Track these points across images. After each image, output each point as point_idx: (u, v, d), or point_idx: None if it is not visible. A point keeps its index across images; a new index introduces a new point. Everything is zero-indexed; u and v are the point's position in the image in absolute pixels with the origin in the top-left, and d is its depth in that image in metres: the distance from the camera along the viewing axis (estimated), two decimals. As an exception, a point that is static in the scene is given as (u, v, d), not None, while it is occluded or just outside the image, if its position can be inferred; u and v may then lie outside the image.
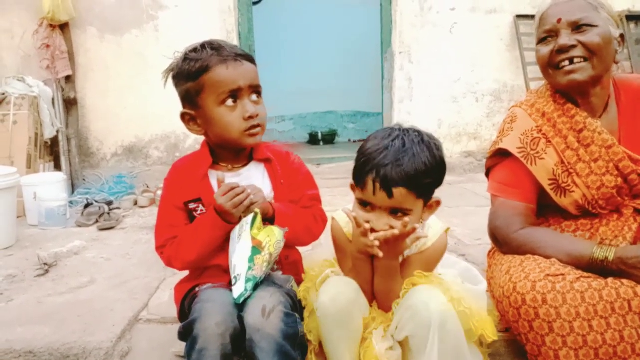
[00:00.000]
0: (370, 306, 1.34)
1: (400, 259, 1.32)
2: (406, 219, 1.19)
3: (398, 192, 1.19)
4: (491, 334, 1.29)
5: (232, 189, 1.30)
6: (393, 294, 1.30)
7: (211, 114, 1.35)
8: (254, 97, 1.37)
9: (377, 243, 1.19)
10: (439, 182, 1.28)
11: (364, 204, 1.26)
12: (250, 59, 1.39)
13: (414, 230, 1.19)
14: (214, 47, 1.36)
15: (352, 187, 1.31)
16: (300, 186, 1.48)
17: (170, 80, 1.44)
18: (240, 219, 1.33)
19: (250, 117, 1.34)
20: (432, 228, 1.34)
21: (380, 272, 1.30)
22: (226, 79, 1.32)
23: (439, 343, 1.18)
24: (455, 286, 1.30)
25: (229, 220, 1.32)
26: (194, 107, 1.39)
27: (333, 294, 1.25)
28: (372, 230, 1.21)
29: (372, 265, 1.30)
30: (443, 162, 1.28)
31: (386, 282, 1.30)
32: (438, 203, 1.30)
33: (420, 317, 1.19)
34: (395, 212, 1.22)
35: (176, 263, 1.42)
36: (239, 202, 1.30)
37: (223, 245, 1.37)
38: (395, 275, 1.30)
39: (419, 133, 1.28)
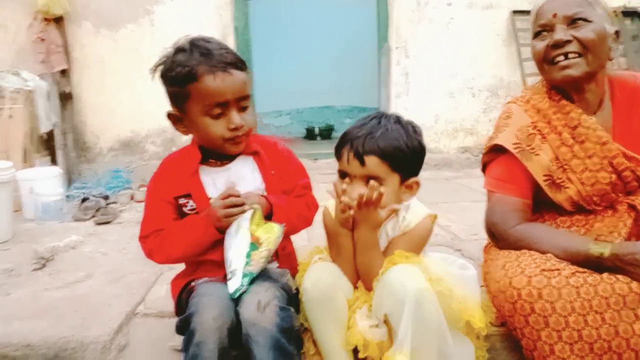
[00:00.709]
0: (355, 287, 1.37)
1: (385, 240, 1.38)
2: (375, 183, 1.26)
3: (370, 160, 1.30)
4: (479, 321, 1.30)
5: (232, 196, 1.32)
6: (373, 270, 1.33)
7: (196, 120, 1.34)
8: (243, 107, 1.36)
9: (349, 201, 1.26)
10: (416, 161, 1.37)
11: (342, 176, 1.36)
12: (240, 66, 1.34)
13: (381, 195, 1.25)
14: (203, 53, 1.31)
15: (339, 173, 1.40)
16: (291, 176, 1.49)
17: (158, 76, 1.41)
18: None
19: (235, 129, 1.34)
20: (415, 210, 1.40)
21: (359, 245, 1.34)
22: (213, 91, 1.29)
23: (413, 321, 1.18)
24: (435, 267, 1.33)
25: (219, 226, 1.33)
26: (180, 111, 1.38)
27: (314, 279, 1.29)
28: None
29: (353, 242, 1.35)
30: (420, 144, 1.37)
31: (365, 255, 1.34)
32: (417, 184, 1.38)
33: (395, 294, 1.21)
34: (370, 181, 1.29)
35: (157, 256, 1.42)
36: (231, 214, 1.31)
37: (214, 243, 1.38)
38: (373, 249, 1.34)
39: (398, 117, 1.39)
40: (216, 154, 1.44)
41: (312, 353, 1.35)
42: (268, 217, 1.37)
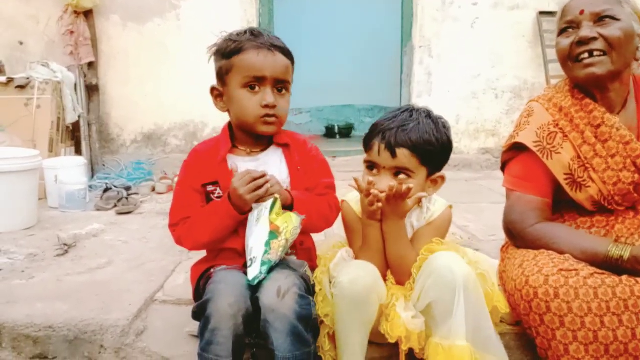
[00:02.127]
0: (385, 280, 1.37)
1: (411, 231, 1.41)
2: (403, 177, 1.31)
3: (401, 152, 1.33)
4: (504, 306, 1.35)
5: (252, 176, 1.33)
6: (406, 262, 1.34)
7: (233, 93, 1.41)
8: (280, 89, 1.41)
9: (378, 194, 1.28)
10: (443, 156, 1.40)
11: (370, 167, 1.39)
12: (286, 53, 1.42)
13: (410, 189, 1.29)
14: (255, 34, 1.41)
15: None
16: (316, 174, 1.50)
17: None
18: (251, 208, 1.35)
19: (267, 106, 1.38)
20: (437, 202, 1.44)
21: (389, 237, 1.35)
22: (254, 65, 1.37)
23: (466, 306, 1.22)
24: (470, 252, 1.38)
25: (241, 206, 1.34)
26: (222, 84, 1.45)
27: (352, 277, 1.27)
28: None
29: (382, 233, 1.36)
30: (449, 139, 1.41)
31: (396, 246, 1.35)
32: (442, 178, 1.41)
33: (444, 281, 1.23)
34: (399, 174, 1.34)
35: (186, 242, 1.45)
36: (255, 188, 1.32)
37: (237, 229, 1.40)
38: (403, 239, 1.36)
39: (429, 111, 1.41)
40: (247, 141, 1.47)
41: (327, 349, 1.34)
42: (289, 210, 1.38)
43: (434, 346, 1.26)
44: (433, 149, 1.35)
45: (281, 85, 1.41)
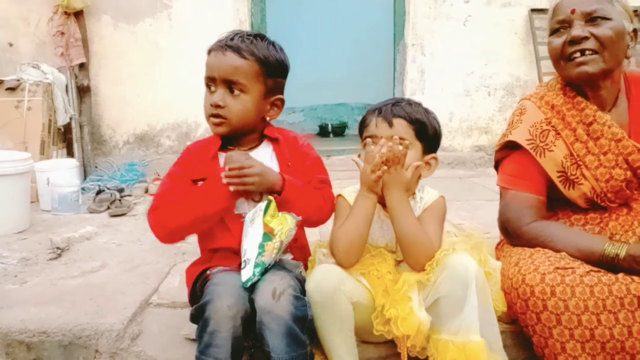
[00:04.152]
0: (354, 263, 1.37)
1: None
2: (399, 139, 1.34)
3: (398, 122, 1.40)
4: (501, 304, 1.38)
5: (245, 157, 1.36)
6: (420, 242, 1.32)
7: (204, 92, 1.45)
8: (232, 90, 1.39)
9: (384, 150, 1.31)
10: (435, 138, 1.46)
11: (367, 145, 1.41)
12: (242, 53, 1.38)
13: (407, 148, 1.33)
14: (228, 35, 1.43)
15: (359, 155, 1.46)
16: (309, 170, 1.49)
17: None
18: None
19: (212, 106, 1.40)
20: (429, 191, 1.49)
21: (395, 210, 1.35)
22: (208, 65, 1.42)
23: (479, 302, 1.23)
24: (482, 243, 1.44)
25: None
26: None
27: (316, 281, 1.29)
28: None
29: (388, 210, 1.37)
30: (438, 125, 1.48)
31: (405, 222, 1.34)
32: (436, 160, 1.47)
33: (457, 275, 1.25)
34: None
35: (164, 223, 1.41)
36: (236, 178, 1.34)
37: (230, 228, 1.40)
38: (410, 215, 1.36)
39: (419, 102, 1.48)
40: (236, 140, 1.47)
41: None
42: (279, 194, 1.37)
43: (443, 343, 1.26)
44: (426, 125, 1.42)
45: (233, 85, 1.38)
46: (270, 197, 1.33)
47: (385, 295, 1.33)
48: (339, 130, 6.54)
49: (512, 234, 1.54)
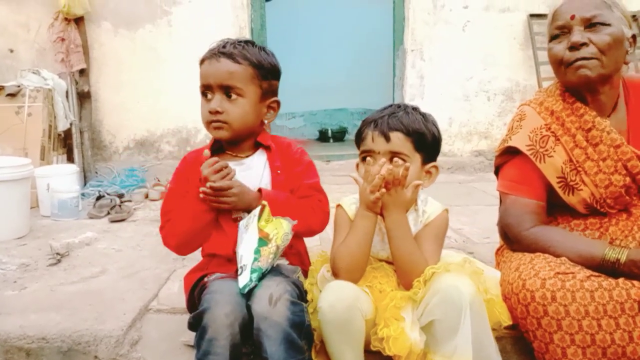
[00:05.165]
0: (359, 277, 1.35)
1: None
2: (400, 160, 1.32)
3: (395, 136, 1.36)
4: (507, 319, 1.34)
5: (220, 165, 1.36)
6: (415, 262, 1.31)
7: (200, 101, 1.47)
8: (229, 95, 1.41)
9: (383, 171, 1.28)
10: (434, 145, 1.43)
11: (365, 158, 1.40)
12: (237, 59, 1.40)
13: (407, 169, 1.30)
14: (220, 43, 1.45)
15: (357, 166, 1.44)
16: (298, 175, 1.50)
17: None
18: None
19: (211, 112, 1.41)
20: (432, 204, 1.45)
21: (393, 232, 1.34)
22: (202, 73, 1.44)
23: (472, 327, 1.21)
24: (487, 275, 1.39)
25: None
26: None
27: (331, 301, 1.24)
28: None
29: (387, 231, 1.35)
30: (438, 131, 1.44)
31: (403, 244, 1.33)
32: (436, 168, 1.43)
33: (451, 300, 1.22)
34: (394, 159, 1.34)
35: (170, 239, 1.48)
36: (222, 177, 1.36)
37: (222, 231, 1.41)
38: (409, 236, 1.34)
39: (416, 107, 1.45)
40: (231, 146, 1.50)
41: None
42: None
43: None
44: (425, 135, 1.39)
45: (230, 90, 1.41)
46: (264, 202, 1.33)
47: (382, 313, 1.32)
48: (339, 136, 6.56)
49: (512, 239, 1.54)
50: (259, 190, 1.41)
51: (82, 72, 3.96)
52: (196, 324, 1.24)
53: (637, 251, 1.33)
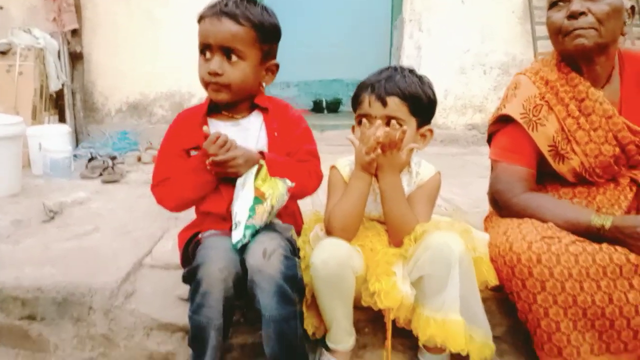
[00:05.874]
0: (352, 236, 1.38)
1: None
2: (395, 125, 1.32)
3: (391, 100, 1.37)
4: (493, 279, 1.39)
5: (223, 139, 1.34)
6: (407, 222, 1.35)
7: (198, 58, 1.43)
8: (229, 57, 1.38)
9: (379, 133, 1.30)
10: (430, 108, 1.45)
11: (360, 121, 1.40)
12: (239, 19, 1.36)
13: (404, 133, 1.32)
14: (218, 1, 1.40)
15: (353, 129, 1.45)
16: (297, 139, 1.50)
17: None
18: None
19: (209, 73, 1.38)
20: (426, 166, 1.48)
21: (387, 193, 1.37)
22: (202, 32, 1.40)
23: (461, 283, 1.25)
24: (475, 234, 1.42)
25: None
26: None
27: (324, 258, 1.27)
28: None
29: (380, 192, 1.37)
30: (433, 93, 1.45)
31: (396, 205, 1.36)
32: (431, 132, 1.46)
33: (441, 256, 1.26)
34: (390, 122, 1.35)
35: (168, 201, 1.47)
36: (225, 151, 1.35)
37: (222, 192, 1.42)
38: (402, 197, 1.37)
39: (411, 68, 1.47)
40: (227, 106, 1.47)
41: (306, 316, 1.37)
42: None
43: (425, 319, 1.29)
44: (421, 98, 1.40)
45: (231, 52, 1.37)
46: (262, 162, 1.34)
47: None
48: (333, 107, 6.52)
49: (502, 206, 1.57)
50: (261, 152, 1.41)
51: (75, 32, 3.89)
52: (190, 278, 1.26)
53: (622, 218, 1.37)
